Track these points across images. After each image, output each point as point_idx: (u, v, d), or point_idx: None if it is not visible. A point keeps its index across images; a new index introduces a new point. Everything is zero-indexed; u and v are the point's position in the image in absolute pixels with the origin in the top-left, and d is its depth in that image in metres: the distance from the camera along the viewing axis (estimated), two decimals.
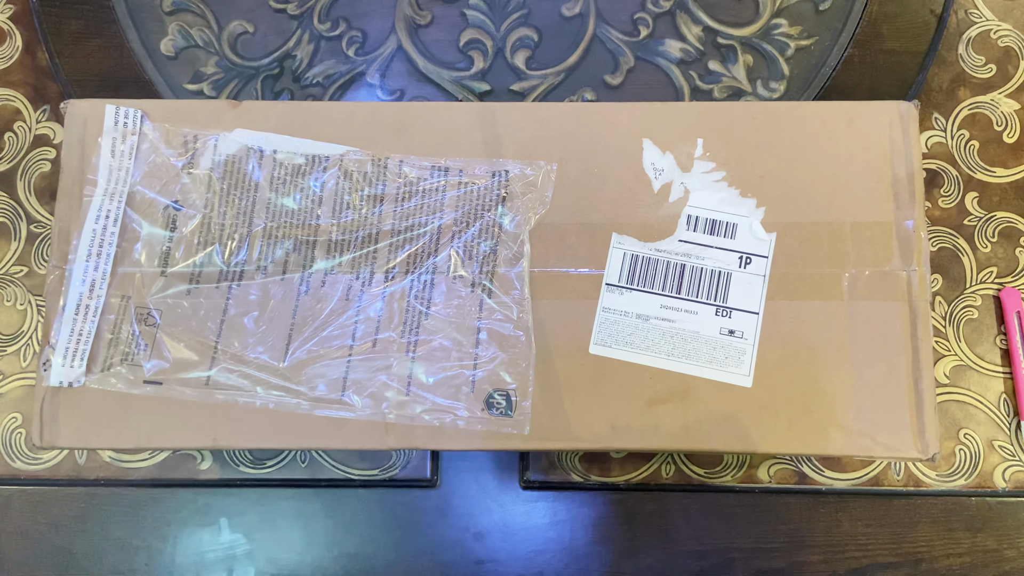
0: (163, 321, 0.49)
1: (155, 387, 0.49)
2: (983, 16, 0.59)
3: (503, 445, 0.48)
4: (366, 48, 0.60)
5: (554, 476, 0.54)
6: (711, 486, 0.54)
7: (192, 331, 0.49)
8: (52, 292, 0.49)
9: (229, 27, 0.60)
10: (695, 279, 0.50)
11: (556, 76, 0.59)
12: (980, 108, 0.58)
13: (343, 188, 0.51)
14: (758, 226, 0.50)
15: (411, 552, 0.54)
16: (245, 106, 0.52)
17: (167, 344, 0.49)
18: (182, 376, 0.48)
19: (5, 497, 0.54)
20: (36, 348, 0.55)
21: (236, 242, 0.50)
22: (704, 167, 0.51)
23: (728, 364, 0.49)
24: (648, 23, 0.59)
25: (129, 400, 0.49)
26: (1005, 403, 0.54)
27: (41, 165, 0.58)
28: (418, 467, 0.54)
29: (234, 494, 0.54)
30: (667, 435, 0.48)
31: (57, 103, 0.58)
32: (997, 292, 0.55)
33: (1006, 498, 0.53)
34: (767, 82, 0.58)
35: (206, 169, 0.51)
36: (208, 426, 0.48)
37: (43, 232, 0.57)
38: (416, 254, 0.50)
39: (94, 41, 0.60)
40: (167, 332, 0.49)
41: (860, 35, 0.59)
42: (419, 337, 0.49)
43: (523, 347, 0.49)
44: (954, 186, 0.57)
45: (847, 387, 0.48)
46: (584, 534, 0.54)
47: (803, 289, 0.49)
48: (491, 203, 0.51)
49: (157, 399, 0.49)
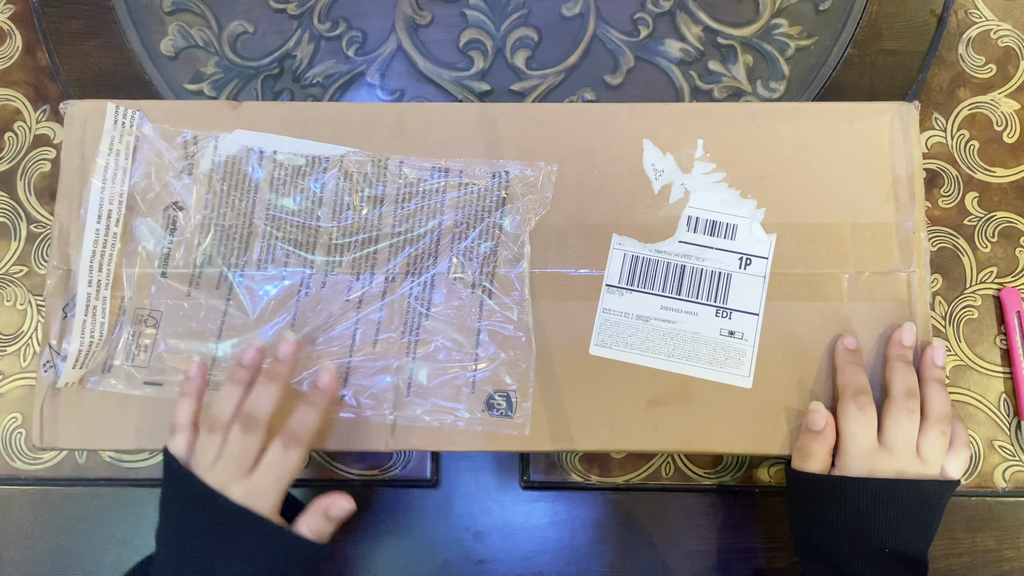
0: (163, 322, 0.49)
1: (155, 388, 0.49)
2: (983, 16, 0.59)
3: (503, 446, 0.48)
4: (366, 48, 0.59)
5: (554, 476, 0.54)
6: (711, 486, 0.54)
7: (192, 332, 0.49)
8: (53, 293, 0.49)
9: (229, 27, 0.60)
10: (695, 280, 0.50)
11: (556, 76, 0.59)
12: (980, 108, 0.58)
13: (343, 189, 0.51)
14: (758, 227, 0.50)
15: (411, 552, 0.54)
16: (245, 106, 0.52)
17: (167, 345, 0.49)
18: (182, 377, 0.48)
19: (5, 497, 0.54)
20: (36, 348, 0.55)
21: (236, 243, 0.50)
22: (704, 168, 0.51)
23: (728, 365, 0.49)
24: (648, 23, 0.59)
25: (129, 401, 0.49)
26: (1005, 403, 0.54)
27: (41, 165, 0.58)
28: (418, 467, 0.54)
29: None
30: (667, 436, 0.48)
31: (57, 103, 0.58)
32: (997, 292, 0.55)
33: (1006, 498, 0.53)
34: (767, 82, 0.58)
35: (206, 170, 0.51)
36: None
37: (43, 232, 0.57)
38: (416, 255, 0.50)
39: (94, 41, 0.60)
40: (167, 333, 0.49)
41: (860, 35, 0.59)
42: (419, 338, 0.49)
43: (523, 348, 0.49)
44: (954, 186, 0.57)
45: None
46: (584, 534, 0.54)
47: (803, 290, 0.49)
48: (491, 204, 0.51)
49: (157, 400, 0.49)
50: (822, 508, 0.45)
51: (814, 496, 0.45)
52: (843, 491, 0.44)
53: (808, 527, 0.46)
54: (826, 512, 0.44)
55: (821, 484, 0.45)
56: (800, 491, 0.46)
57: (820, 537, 0.45)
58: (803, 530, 0.47)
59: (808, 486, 0.45)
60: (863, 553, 0.43)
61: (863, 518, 0.43)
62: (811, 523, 0.46)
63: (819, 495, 0.45)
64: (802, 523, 0.47)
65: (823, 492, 0.45)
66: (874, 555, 0.43)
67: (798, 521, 0.47)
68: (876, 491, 0.43)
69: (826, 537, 0.44)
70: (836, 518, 0.44)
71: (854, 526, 0.43)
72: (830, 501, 0.44)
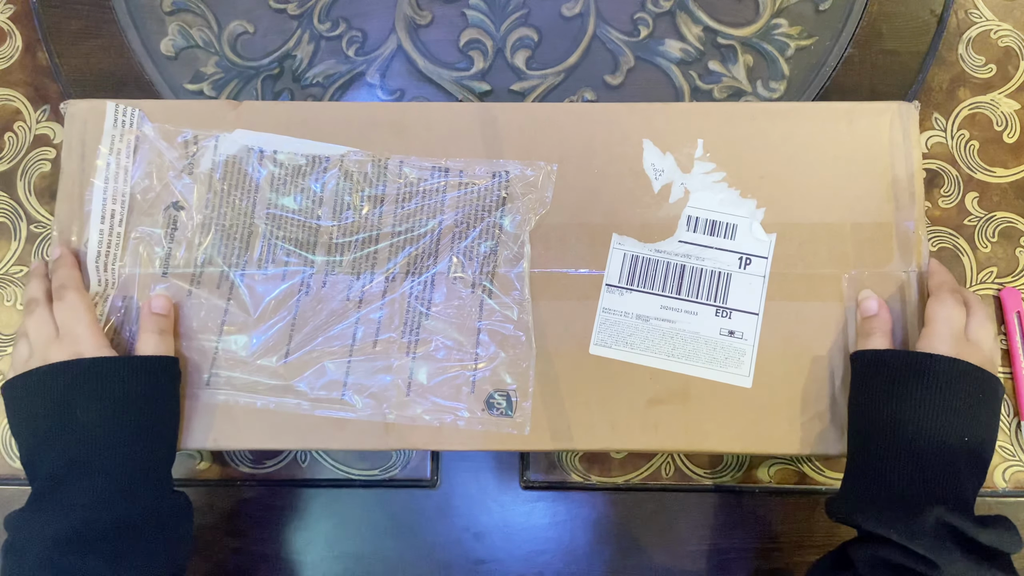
0: None
1: None
2: (983, 16, 0.59)
3: (503, 445, 0.48)
4: (366, 48, 0.60)
5: (554, 476, 0.54)
6: (711, 486, 0.54)
7: (192, 332, 0.49)
8: None
9: (229, 27, 0.60)
10: (695, 280, 0.50)
11: (556, 76, 0.59)
12: (980, 108, 0.58)
13: (343, 189, 0.51)
14: (758, 227, 0.50)
15: (411, 552, 0.54)
16: (245, 106, 0.52)
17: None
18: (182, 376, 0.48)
19: (5, 497, 0.54)
20: None
21: (237, 243, 0.50)
22: (704, 168, 0.51)
23: (728, 364, 0.49)
24: (648, 23, 0.59)
25: None
26: (1005, 403, 0.54)
27: (41, 165, 0.58)
28: (418, 467, 0.54)
29: (235, 494, 0.54)
30: (667, 435, 0.48)
31: (57, 103, 0.58)
32: (997, 292, 0.55)
33: (1006, 498, 0.53)
34: (767, 82, 0.58)
35: (206, 169, 0.51)
36: (208, 426, 0.48)
37: (43, 232, 0.57)
38: (416, 255, 0.50)
39: (94, 41, 0.60)
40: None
41: (860, 35, 0.59)
42: (419, 337, 0.49)
43: (523, 348, 0.49)
44: (954, 186, 0.57)
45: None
46: (584, 534, 0.54)
47: (803, 290, 0.49)
48: (491, 204, 0.51)
49: None
50: (905, 385, 0.43)
51: (898, 372, 0.44)
52: (932, 368, 0.43)
53: (881, 405, 0.44)
54: (910, 389, 0.43)
55: (907, 359, 0.44)
56: (876, 370, 0.45)
57: (891, 413, 0.43)
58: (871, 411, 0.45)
59: (888, 362, 0.44)
60: (940, 435, 0.42)
61: (947, 397, 0.42)
62: (886, 400, 0.44)
63: (905, 371, 0.43)
64: (873, 404, 0.45)
65: (910, 366, 0.43)
66: (952, 440, 0.42)
67: (866, 402, 0.45)
68: (967, 373, 0.43)
69: (900, 414, 0.43)
70: (920, 396, 0.42)
71: (936, 403, 0.42)
72: (915, 376, 0.43)
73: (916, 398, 0.43)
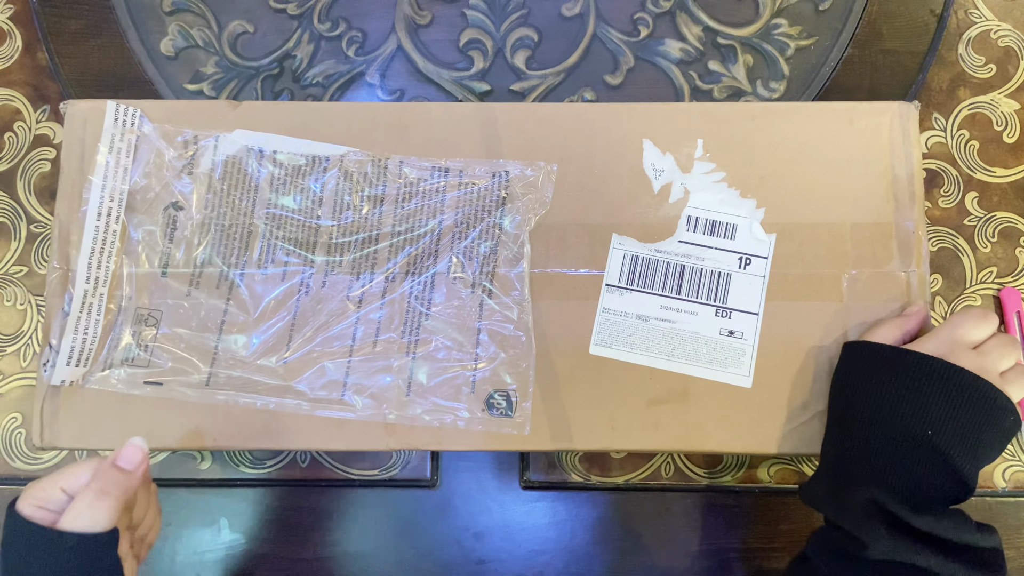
0: (163, 322, 0.49)
1: (155, 388, 0.49)
2: (983, 16, 0.59)
3: (503, 445, 0.48)
4: (366, 48, 0.60)
5: (554, 476, 0.54)
6: (711, 486, 0.54)
7: (192, 332, 0.49)
8: (53, 292, 0.49)
9: (229, 27, 0.60)
10: (695, 280, 0.50)
11: (556, 76, 0.59)
12: (980, 108, 0.58)
13: (343, 189, 0.51)
14: (758, 227, 0.50)
15: (411, 552, 0.54)
16: (245, 106, 0.52)
17: (167, 345, 0.49)
18: (182, 377, 0.48)
19: (5, 497, 0.54)
20: (36, 348, 0.55)
21: (236, 243, 0.50)
22: (704, 168, 0.51)
23: (728, 364, 0.49)
24: (648, 23, 0.59)
25: (129, 401, 0.49)
26: None
27: (41, 165, 0.58)
28: (418, 467, 0.54)
29: (234, 494, 0.54)
30: (667, 435, 0.48)
31: (57, 103, 0.58)
32: (997, 292, 0.55)
33: (1006, 498, 0.53)
34: (767, 82, 0.58)
35: (206, 169, 0.51)
36: (208, 426, 0.48)
37: (43, 232, 0.57)
38: (416, 255, 0.50)
39: (94, 41, 0.60)
40: (167, 333, 0.49)
41: (860, 35, 0.59)
42: (419, 338, 0.49)
43: (523, 348, 0.49)
44: (954, 186, 0.57)
45: None
46: (584, 534, 0.54)
47: (803, 290, 0.49)
48: (491, 204, 0.51)
49: (157, 399, 0.49)
50: (876, 375, 0.43)
51: (872, 363, 0.44)
52: (902, 361, 0.42)
53: (848, 392, 0.44)
54: (880, 378, 0.43)
55: (883, 351, 0.44)
56: (855, 357, 0.46)
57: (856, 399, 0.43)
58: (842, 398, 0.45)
59: (864, 352, 0.45)
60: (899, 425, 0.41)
61: (913, 390, 0.41)
62: (854, 388, 0.44)
63: (878, 362, 0.44)
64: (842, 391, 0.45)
65: (886, 358, 0.43)
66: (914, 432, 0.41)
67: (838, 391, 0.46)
68: (940, 372, 0.41)
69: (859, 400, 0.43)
70: (889, 386, 0.42)
71: (899, 394, 0.42)
72: (886, 366, 0.43)
73: (886, 388, 0.43)
